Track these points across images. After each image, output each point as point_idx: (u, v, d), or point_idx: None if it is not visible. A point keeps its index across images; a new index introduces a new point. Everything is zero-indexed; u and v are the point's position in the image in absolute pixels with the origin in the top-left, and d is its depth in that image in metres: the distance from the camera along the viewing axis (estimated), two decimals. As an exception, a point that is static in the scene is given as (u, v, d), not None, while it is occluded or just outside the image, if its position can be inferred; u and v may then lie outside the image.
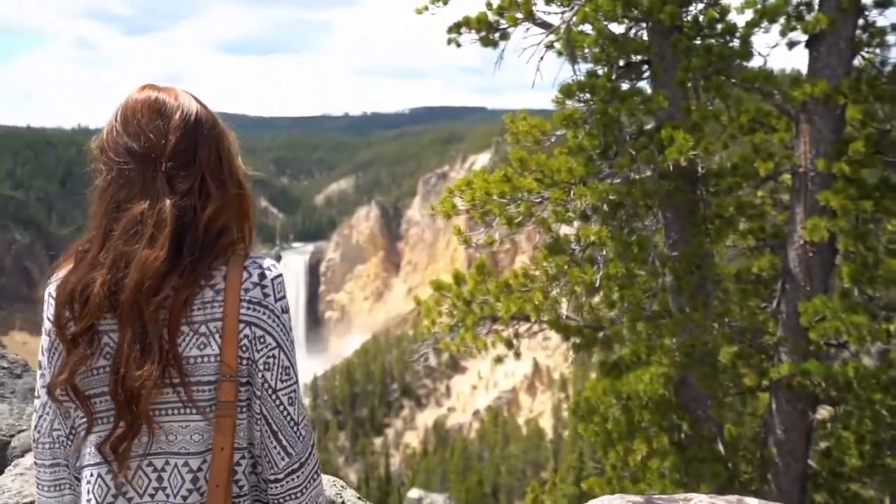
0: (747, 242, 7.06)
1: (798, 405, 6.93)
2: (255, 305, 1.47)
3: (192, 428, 1.46)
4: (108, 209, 1.47)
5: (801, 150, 6.91)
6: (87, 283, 1.44)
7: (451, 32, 7.38)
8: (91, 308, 1.43)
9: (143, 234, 1.42)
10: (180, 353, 1.43)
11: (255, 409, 1.48)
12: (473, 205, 5.46)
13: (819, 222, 6.51)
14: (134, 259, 1.41)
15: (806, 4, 7.12)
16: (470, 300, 6.80)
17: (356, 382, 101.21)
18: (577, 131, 5.67)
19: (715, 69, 5.77)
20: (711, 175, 6.39)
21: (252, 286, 1.47)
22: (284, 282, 1.54)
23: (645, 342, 6.01)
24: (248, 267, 1.49)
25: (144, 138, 1.48)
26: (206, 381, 1.45)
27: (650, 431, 6.39)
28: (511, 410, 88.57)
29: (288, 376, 1.48)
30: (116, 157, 1.49)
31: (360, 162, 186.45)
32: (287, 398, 1.48)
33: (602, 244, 5.29)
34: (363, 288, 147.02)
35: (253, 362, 1.47)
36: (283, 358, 1.48)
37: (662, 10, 6.15)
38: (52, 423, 1.57)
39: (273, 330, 1.48)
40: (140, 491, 1.47)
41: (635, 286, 5.38)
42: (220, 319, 1.45)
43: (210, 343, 1.45)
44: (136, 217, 1.43)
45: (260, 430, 1.48)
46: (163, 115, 1.50)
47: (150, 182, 1.46)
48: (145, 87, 1.56)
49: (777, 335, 6.85)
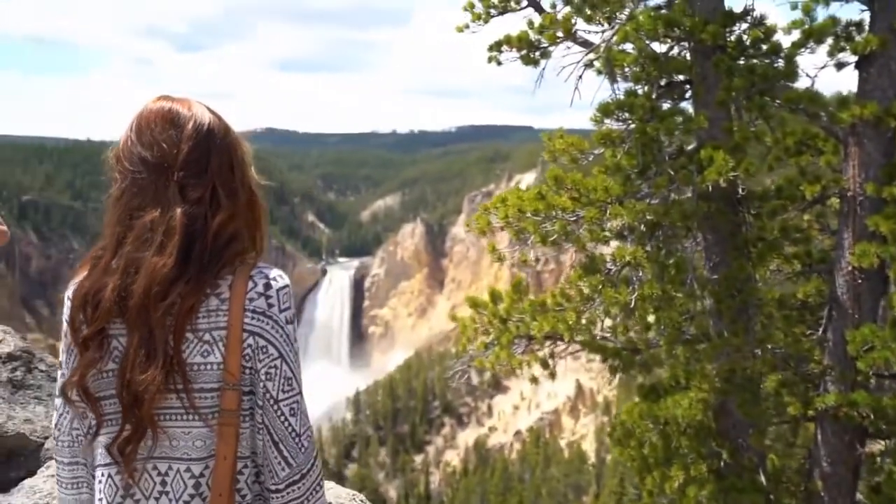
0: (793, 267, 6.87)
1: (845, 437, 6.68)
2: (260, 315, 1.48)
3: (194, 434, 1.48)
4: (121, 217, 1.52)
5: (849, 174, 6.72)
6: (100, 288, 1.49)
7: (491, 51, 7.42)
8: (101, 312, 1.48)
9: (154, 241, 1.46)
10: (184, 359, 1.45)
11: (257, 418, 1.49)
12: (508, 222, 5.45)
13: (868, 248, 6.31)
14: (143, 265, 1.45)
15: (856, 25, 6.95)
16: (506, 318, 6.76)
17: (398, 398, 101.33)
18: (615, 150, 5.62)
19: (758, 90, 5.65)
20: (754, 197, 6.25)
21: (257, 296, 1.49)
22: (291, 293, 1.55)
23: (683, 366, 5.88)
24: (253, 277, 1.50)
25: (157, 148, 1.52)
26: (209, 388, 1.47)
27: (688, 458, 6.23)
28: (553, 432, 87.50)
29: (290, 387, 1.49)
30: (130, 166, 1.53)
31: (406, 179, 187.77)
32: (289, 409, 1.48)
33: (638, 265, 5.21)
34: (407, 304, 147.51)
35: (255, 372, 1.48)
36: (285, 368, 1.49)
37: (705, 30, 6.07)
38: (71, 422, 1.62)
39: (276, 340, 1.49)
40: (146, 493, 1.50)
41: (672, 308, 5.28)
42: (225, 328, 1.47)
43: (213, 351, 1.47)
44: (147, 225, 1.47)
45: (262, 439, 1.49)
46: (176, 125, 1.54)
47: (163, 191, 1.50)
48: (160, 98, 1.60)
49: (823, 364, 6.64)
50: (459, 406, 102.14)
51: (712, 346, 5.65)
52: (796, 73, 6.10)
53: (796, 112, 5.85)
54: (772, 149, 7.20)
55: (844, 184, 6.77)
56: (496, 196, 5.90)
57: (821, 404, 6.44)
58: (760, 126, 6.13)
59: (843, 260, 6.70)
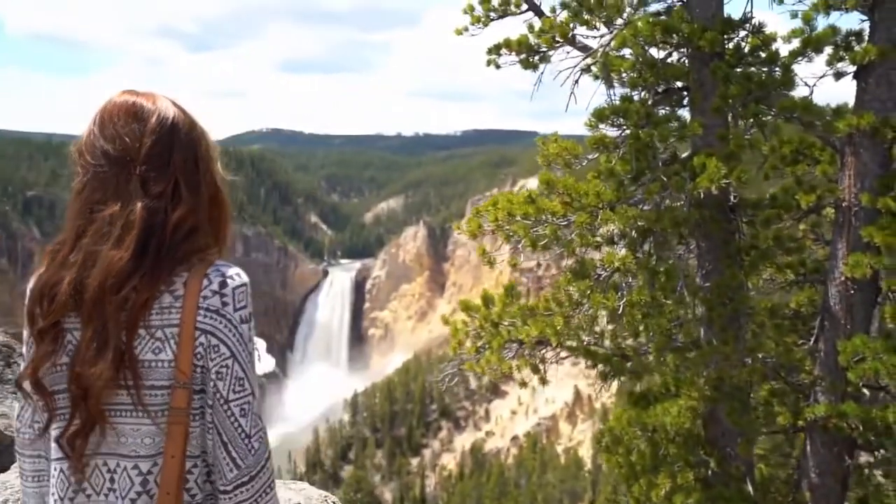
0: (786, 277, 6.84)
1: (834, 448, 6.64)
2: (213, 314, 1.46)
3: (143, 431, 1.46)
4: (81, 210, 1.51)
5: (845, 184, 6.69)
6: (56, 282, 1.48)
7: (490, 54, 7.40)
8: (57, 305, 1.46)
9: (112, 234, 1.45)
10: (136, 355, 1.43)
11: (208, 418, 1.47)
12: (498, 225, 5.43)
13: (862, 259, 6.28)
14: (100, 259, 1.43)
15: (856, 35, 6.94)
16: (498, 322, 6.74)
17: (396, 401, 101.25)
18: (609, 155, 5.60)
19: (754, 98, 5.64)
20: (748, 206, 6.23)
21: (211, 294, 1.47)
22: (248, 291, 1.52)
23: (673, 373, 5.85)
24: (209, 274, 1.48)
25: (120, 141, 1.51)
26: (160, 385, 1.45)
27: (676, 466, 6.20)
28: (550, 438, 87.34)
29: (241, 387, 1.47)
30: (92, 159, 1.52)
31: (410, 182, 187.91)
32: (239, 409, 1.46)
33: (628, 271, 5.19)
34: (407, 307, 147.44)
35: (207, 370, 1.46)
36: (236, 368, 1.47)
37: (703, 37, 6.06)
38: (32, 415, 1.61)
39: (228, 339, 1.47)
40: (97, 489, 1.49)
41: (661, 315, 5.26)
42: (177, 325, 1.45)
43: (165, 348, 1.45)
44: (107, 218, 1.46)
45: (212, 439, 1.47)
46: (139, 118, 1.53)
47: (124, 185, 1.49)
48: (124, 91, 1.59)
49: (814, 374, 6.61)
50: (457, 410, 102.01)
51: (701, 354, 5.62)
52: (793, 82, 6.07)
53: (791, 121, 5.83)
54: (768, 157, 7.19)
55: (840, 194, 6.75)
56: (488, 199, 5.89)
57: (810, 415, 6.41)
58: (756, 134, 6.11)
59: (837, 270, 6.68)
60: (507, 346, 6.62)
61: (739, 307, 5.86)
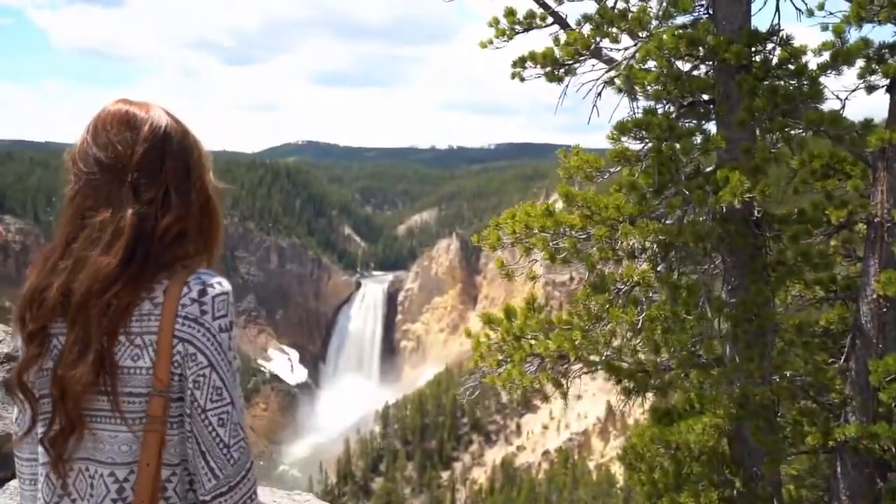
0: (814, 293, 6.69)
1: (865, 470, 6.45)
2: (191, 322, 1.47)
3: (120, 438, 1.47)
4: (73, 217, 1.53)
5: (877, 199, 6.54)
6: (46, 287, 1.50)
7: (515, 67, 7.39)
8: (45, 310, 1.49)
9: (102, 240, 1.46)
10: (116, 361, 1.45)
11: (186, 427, 1.47)
12: (517, 238, 5.40)
13: (894, 276, 6.11)
14: (88, 264, 1.45)
15: (889, 47, 6.78)
16: (520, 336, 6.69)
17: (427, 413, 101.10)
18: (632, 169, 5.54)
19: (781, 111, 5.54)
20: (775, 220, 6.11)
21: (190, 302, 1.47)
22: (229, 300, 1.52)
23: (697, 390, 5.74)
24: (190, 282, 1.49)
25: (112, 149, 1.53)
26: (138, 393, 1.46)
27: (700, 485, 6.07)
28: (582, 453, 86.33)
29: (219, 397, 1.47)
30: (85, 167, 1.54)
31: (443, 195, 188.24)
32: (217, 419, 1.46)
33: (648, 285, 5.12)
34: (439, 320, 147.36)
35: (185, 379, 1.47)
36: (214, 378, 1.47)
37: (729, 49, 5.98)
38: (30, 419, 1.62)
39: (206, 348, 1.47)
40: (81, 493, 1.50)
41: (683, 331, 5.16)
42: (156, 333, 1.45)
43: (143, 356, 1.46)
44: (97, 225, 1.48)
45: (191, 448, 1.47)
46: (132, 127, 1.55)
47: (116, 192, 1.51)
48: (119, 101, 1.61)
49: (844, 393, 6.44)
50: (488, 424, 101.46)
51: (725, 371, 5.51)
52: (821, 95, 5.95)
53: (819, 134, 5.71)
54: (798, 172, 7.05)
55: (871, 209, 6.59)
56: (507, 211, 5.86)
57: (840, 435, 6.24)
58: (783, 148, 6.00)
59: (869, 287, 6.51)
60: (528, 360, 6.57)
61: (765, 324, 5.74)
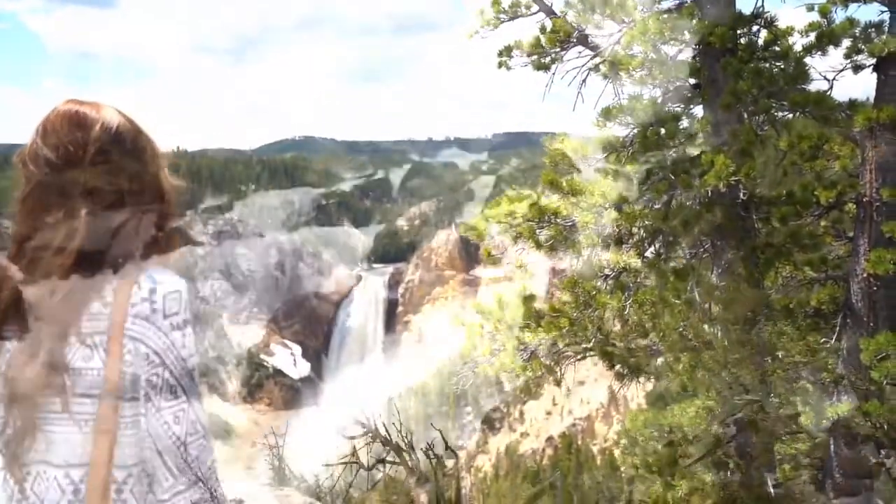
0: (803, 274, 6.70)
1: (858, 448, 6.49)
2: (142, 321, 1.46)
3: (73, 440, 1.46)
4: (26, 220, 1.52)
5: (865, 179, 6.54)
6: None
7: (501, 56, 7.38)
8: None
9: (54, 242, 1.45)
10: (67, 362, 1.44)
11: (143, 426, 1.46)
12: (504, 227, 5.41)
13: (884, 254, 6.13)
14: (41, 266, 1.45)
15: (875, 26, 6.77)
16: (512, 325, 6.71)
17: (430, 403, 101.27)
18: (618, 155, 5.55)
19: (766, 93, 5.53)
20: (764, 203, 6.11)
21: (140, 301, 1.46)
22: (181, 298, 1.51)
23: (689, 374, 5.77)
24: (139, 281, 1.48)
25: (63, 150, 1.51)
26: (90, 394, 1.45)
27: (693, 468, 6.11)
28: (585, 439, 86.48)
29: (173, 395, 1.46)
30: (36, 168, 1.53)
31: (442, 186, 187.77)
32: (172, 417, 1.46)
33: (634, 270, 5.13)
34: (441, 310, 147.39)
35: (137, 378, 1.46)
36: (167, 376, 1.46)
37: (713, 33, 5.98)
38: None
39: (158, 347, 1.46)
40: (40, 497, 1.49)
41: (672, 315, 5.18)
42: (106, 332, 1.45)
43: (94, 356, 1.45)
44: (50, 226, 1.47)
45: (148, 448, 1.46)
46: (82, 127, 1.53)
47: (68, 193, 1.49)
48: (68, 101, 1.59)
49: (836, 372, 6.46)
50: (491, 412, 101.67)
51: (716, 354, 5.54)
52: (807, 76, 5.95)
53: (805, 115, 5.71)
54: (786, 154, 7.05)
55: (860, 189, 6.60)
56: (493, 200, 5.87)
57: (833, 414, 6.27)
58: (770, 130, 6.00)
59: (859, 267, 6.52)
60: (521, 348, 6.60)
61: (755, 306, 5.76)
